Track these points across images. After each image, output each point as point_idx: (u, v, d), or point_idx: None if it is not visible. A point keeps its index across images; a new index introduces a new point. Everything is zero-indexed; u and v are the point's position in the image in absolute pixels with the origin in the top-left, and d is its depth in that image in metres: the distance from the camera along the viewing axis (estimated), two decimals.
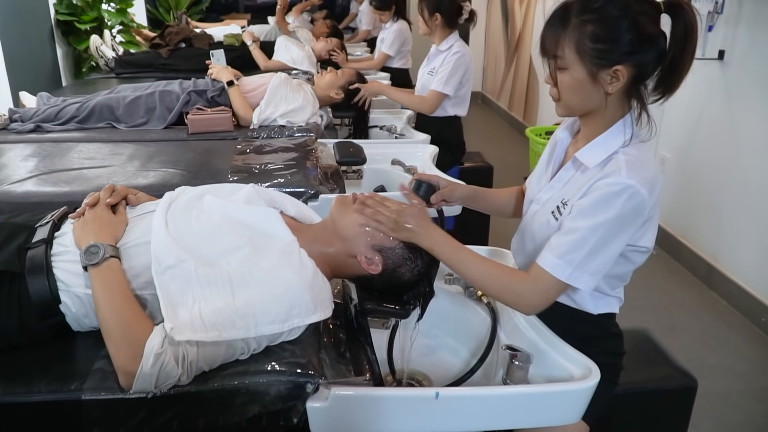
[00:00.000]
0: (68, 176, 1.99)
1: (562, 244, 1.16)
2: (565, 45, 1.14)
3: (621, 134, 1.19)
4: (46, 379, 1.07)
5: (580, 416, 1.20)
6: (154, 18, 6.35)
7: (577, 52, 1.14)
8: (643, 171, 1.14)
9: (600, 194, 1.14)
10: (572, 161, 1.27)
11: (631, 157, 1.16)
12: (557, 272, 1.16)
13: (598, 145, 1.21)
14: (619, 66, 1.13)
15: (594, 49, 1.12)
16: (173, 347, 1.04)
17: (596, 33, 1.12)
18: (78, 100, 2.66)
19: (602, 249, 1.15)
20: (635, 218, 1.15)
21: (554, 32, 1.16)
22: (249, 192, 1.34)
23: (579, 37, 1.13)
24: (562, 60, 1.16)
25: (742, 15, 2.85)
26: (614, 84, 1.15)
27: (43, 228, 1.24)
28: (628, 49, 1.12)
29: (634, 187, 1.11)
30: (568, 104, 1.22)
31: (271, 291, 1.11)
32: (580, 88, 1.17)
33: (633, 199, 1.12)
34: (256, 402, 1.08)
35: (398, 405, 1.14)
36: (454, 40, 2.92)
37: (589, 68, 1.14)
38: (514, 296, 1.21)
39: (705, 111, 3.15)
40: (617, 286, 1.31)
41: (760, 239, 2.80)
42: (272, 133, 2.57)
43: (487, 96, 7.27)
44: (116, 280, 1.11)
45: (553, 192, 1.30)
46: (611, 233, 1.14)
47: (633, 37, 1.11)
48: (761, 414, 2.25)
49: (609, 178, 1.14)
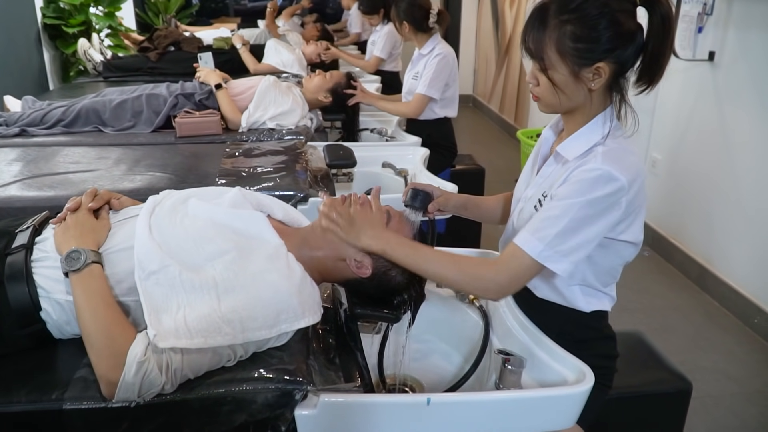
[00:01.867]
0: (53, 181, 1.96)
1: (535, 222, 1.17)
2: (546, 46, 1.15)
3: (601, 127, 1.20)
4: (26, 388, 1.04)
5: (575, 421, 1.18)
6: (143, 22, 6.31)
7: (558, 53, 1.14)
8: (621, 161, 1.14)
9: (575, 179, 1.15)
10: (554, 156, 1.28)
11: (609, 149, 1.16)
12: (528, 247, 1.15)
13: (578, 138, 1.22)
14: (601, 63, 1.14)
15: (575, 48, 1.13)
16: (157, 355, 1.01)
17: (576, 33, 1.12)
18: (64, 104, 2.63)
19: (576, 231, 1.14)
20: (611, 204, 1.14)
21: (534, 33, 1.16)
22: (235, 195, 1.31)
23: (559, 38, 1.13)
24: (544, 61, 1.16)
25: (732, 16, 2.85)
26: (597, 81, 1.16)
27: (24, 233, 1.21)
28: (608, 47, 1.12)
29: (610, 172, 1.12)
30: (551, 102, 1.22)
31: (258, 296, 1.08)
32: (563, 87, 1.18)
33: (608, 185, 1.12)
34: (243, 410, 1.06)
35: (389, 412, 1.12)
36: (435, 43, 2.93)
37: (571, 67, 1.15)
38: (480, 281, 1.19)
39: (695, 112, 3.15)
40: (608, 282, 1.30)
41: (752, 241, 2.79)
42: (261, 136, 2.55)
43: (478, 99, 7.27)
44: (98, 287, 1.08)
45: (536, 188, 1.30)
46: (585, 215, 1.13)
47: (612, 34, 1.11)
48: (755, 417, 2.24)
49: (585, 165, 1.15)
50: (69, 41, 4.25)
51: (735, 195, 2.89)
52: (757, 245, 2.77)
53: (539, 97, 1.22)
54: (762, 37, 2.68)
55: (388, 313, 1.31)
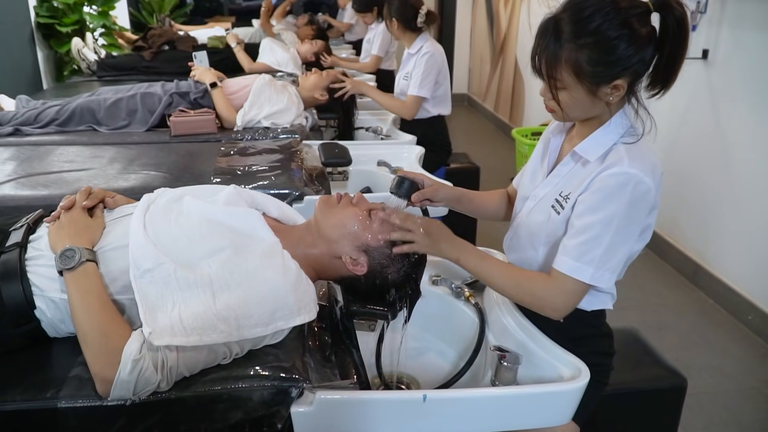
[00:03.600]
0: (47, 180, 1.95)
1: (577, 246, 1.15)
2: (562, 69, 1.12)
3: (619, 126, 1.19)
4: (20, 387, 1.04)
5: (570, 417, 1.18)
6: (137, 21, 6.30)
7: (575, 74, 1.12)
8: (644, 159, 1.14)
9: (605, 187, 1.13)
10: (571, 155, 1.25)
11: (632, 148, 1.16)
12: (578, 275, 1.15)
13: (596, 138, 1.20)
14: (619, 80, 1.12)
15: (593, 71, 1.11)
16: (152, 353, 1.01)
17: (594, 57, 1.09)
18: (58, 103, 2.62)
19: (618, 244, 1.14)
20: (644, 207, 1.14)
21: (548, 55, 1.12)
22: (230, 193, 1.31)
23: (576, 61, 1.10)
24: (559, 81, 1.14)
25: (725, 14, 2.86)
26: (615, 95, 1.14)
27: (17, 231, 1.20)
28: (626, 63, 1.10)
29: (638, 176, 1.11)
30: (568, 117, 1.21)
31: (254, 293, 1.08)
32: (579, 104, 1.17)
33: (639, 188, 1.12)
34: (239, 408, 1.06)
35: (385, 409, 1.12)
36: (422, 42, 2.93)
37: (588, 87, 1.13)
38: (537, 300, 1.20)
39: (689, 110, 3.16)
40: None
41: (747, 238, 2.80)
42: (256, 135, 2.55)
43: (472, 98, 7.27)
44: (93, 285, 1.08)
45: (550, 187, 1.28)
46: (623, 225, 1.13)
47: (631, 51, 1.09)
48: (750, 413, 2.24)
49: (612, 168, 1.13)
50: (63, 40, 4.24)
51: (729, 192, 2.90)
52: (751, 242, 2.78)
53: (554, 110, 1.21)
54: (755, 34, 2.69)
55: (383, 311, 1.30)
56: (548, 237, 1.24)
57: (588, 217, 1.14)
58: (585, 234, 1.14)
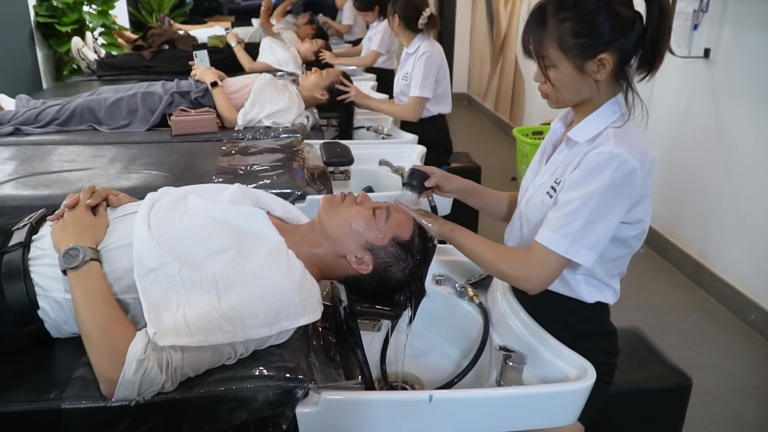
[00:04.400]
0: (48, 179, 1.95)
1: (557, 218, 1.17)
2: (548, 44, 1.17)
3: (612, 112, 1.21)
4: (24, 387, 1.03)
5: (576, 417, 1.18)
6: (137, 20, 6.28)
7: (561, 50, 1.16)
8: (632, 143, 1.15)
9: (590, 165, 1.16)
10: (565, 142, 1.28)
11: (620, 131, 1.18)
12: (555, 246, 1.16)
13: (589, 123, 1.23)
14: (604, 54, 1.15)
15: (576, 44, 1.15)
16: (157, 353, 1.00)
17: (576, 29, 1.14)
18: (58, 103, 2.61)
19: (597, 220, 1.15)
20: (628, 189, 1.15)
21: (535, 34, 1.18)
22: (234, 192, 1.30)
23: (560, 36, 1.15)
24: (547, 59, 1.18)
25: (727, 13, 2.86)
26: (602, 72, 1.17)
27: (20, 231, 1.19)
28: (609, 38, 1.14)
29: (623, 155, 1.13)
30: (559, 98, 1.24)
31: (259, 293, 1.08)
32: (569, 82, 1.20)
33: (623, 168, 1.13)
34: (244, 408, 1.05)
35: (391, 409, 1.11)
36: (420, 42, 2.93)
37: (575, 62, 1.17)
38: (513, 270, 1.22)
39: (691, 109, 3.16)
40: (614, 273, 1.31)
41: (748, 237, 2.80)
42: (258, 135, 2.54)
43: (473, 97, 7.27)
44: (97, 284, 1.07)
45: (547, 176, 1.30)
46: (604, 203, 1.14)
47: (612, 25, 1.13)
48: (752, 413, 2.24)
49: (598, 148, 1.16)
50: (62, 40, 4.23)
51: (731, 191, 2.90)
52: (753, 241, 2.77)
53: (548, 94, 1.24)
54: (757, 34, 2.69)
55: (388, 310, 1.30)
56: (540, 223, 1.26)
57: (570, 193, 1.17)
58: (565, 208, 1.17)
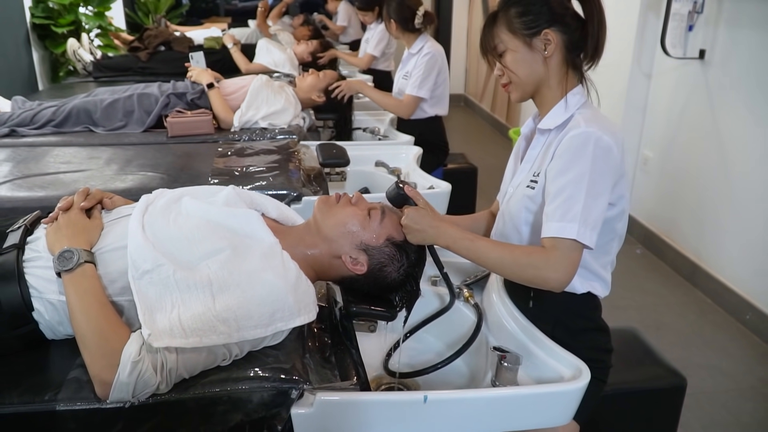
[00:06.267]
0: (44, 181, 1.94)
1: (556, 208, 1.18)
2: (499, 32, 1.28)
3: (575, 102, 1.28)
4: (18, 389, 1.03)
5: (571, 417, 1.18)
6: (133, 22, 6.28)
7: (510, 31, 1.26)
8: (600, 123, 1.20)
9: (569, 149, 1.19)
10: (538, 133, 1.33)
11: (587, 113, 1.24)
12: (565, 233, 1.16)
13: (556, 111, 1.29)
14: (548, 29, 1.24)
15: (522, 22, 1.25)
16: (151, 354, 1.00)
17: (520, 10, 1.25)
18: (54, 104, 2.61)
19: (594, 198, 1.17)
20: (610, 165, 1.19)
21: (488, 31, 1.30)
22: (229, 194, 1.30)
23: (508, 20, 1.27)
24: (500, 45, 1.28)
25: (722, 14, 2.87)
26: (549, 47, 1.25)
27: (15, 233, 1.19)
28: (549, 17, 1.24)
29: (596, 133, 1.17)
30: (518, 82, 1.29)
31: (253, 294, 1.08)
32: (522, 60, 1.27)
33: (600, 144, 1.17)
34: (239, 410, 1.05)
35: (386, 410, 1.11)
36: (423, 42, 2.94)
37: (523, 38, 1.25)
38: (538, 271, 1.18)
39: (686, 110, 3.16)
40: (604, 262, 1.31)
41: (744, 237, 2.81)
42: (254, 136, 2.54)
43: (469, 98, 7.28)
44: (91, 287, 1.07)
45: (524, 174, 1.33)
46: (594, 180, 1.17)
47: (549, 8, 1.25)
48: (749, 413, 2.25)
49: (571, 132, 1.20)
50: (58, 41, 4.22)
51: (726, 192, 2.90)
52: (748, 242, 2.78)
53: (509, 81, 1.31)
54: (752, 34, 2.70)
55: (383, 311, 1.30)
56: (528, 213, 1.28)
57: (560, 180, 1.19)
58: (561, 196, 1.18)
